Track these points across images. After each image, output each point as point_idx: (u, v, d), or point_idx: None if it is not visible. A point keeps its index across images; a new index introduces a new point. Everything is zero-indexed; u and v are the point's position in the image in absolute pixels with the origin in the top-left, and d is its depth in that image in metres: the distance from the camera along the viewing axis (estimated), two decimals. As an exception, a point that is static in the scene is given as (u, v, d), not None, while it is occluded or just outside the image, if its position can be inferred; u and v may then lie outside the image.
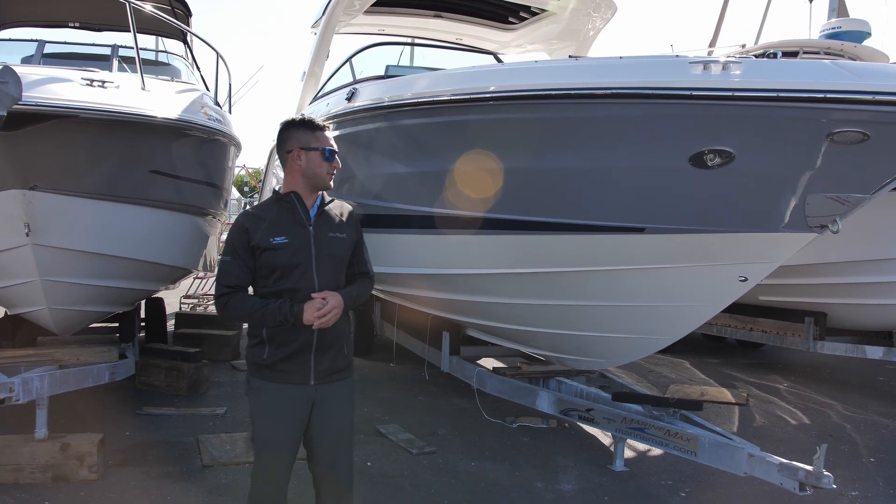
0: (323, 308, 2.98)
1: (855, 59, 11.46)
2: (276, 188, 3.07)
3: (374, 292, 7.39)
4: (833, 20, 14.09)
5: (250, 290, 3.19)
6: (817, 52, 11.60)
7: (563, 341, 5.36)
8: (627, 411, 4.96)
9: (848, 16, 14.84)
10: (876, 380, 8.92)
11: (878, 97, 3.29)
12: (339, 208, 3.28)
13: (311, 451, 3.20)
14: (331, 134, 3.23)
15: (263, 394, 3.12)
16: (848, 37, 12.33)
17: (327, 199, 3.26)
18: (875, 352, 7.78)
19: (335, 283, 3.15)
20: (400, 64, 7.94)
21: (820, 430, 6.47)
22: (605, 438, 5.82)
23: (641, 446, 5.43)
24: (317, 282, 3.08)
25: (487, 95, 4.26)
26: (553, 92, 3.97)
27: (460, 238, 5.15)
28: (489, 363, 6.72)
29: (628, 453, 5.39)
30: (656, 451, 5.38)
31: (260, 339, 3.11)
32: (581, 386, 5.58)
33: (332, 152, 3.17)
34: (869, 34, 12.86)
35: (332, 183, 3.20)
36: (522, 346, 6.08)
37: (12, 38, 8.36)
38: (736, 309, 8.63)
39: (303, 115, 3.26)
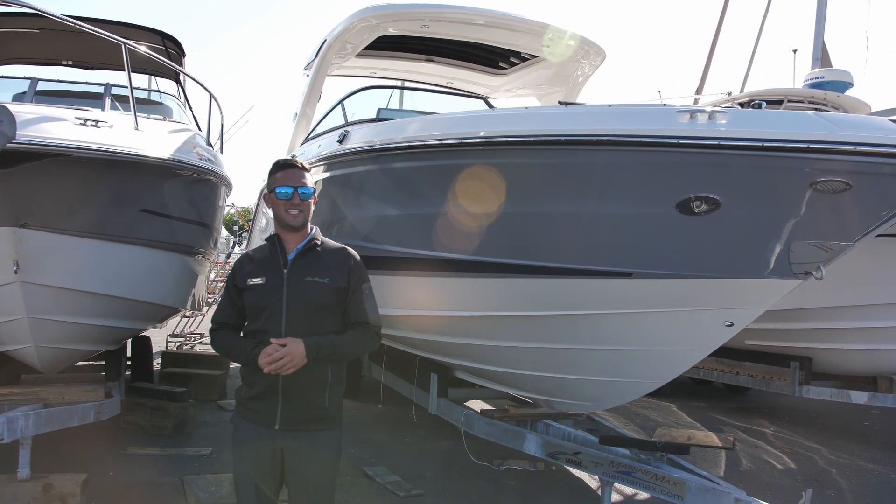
0: (274, 354, 2.92)
1: (838, 108, 11.69)
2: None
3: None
4: (816, 70, 14.33)
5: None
6: (801, 101, 11.80)
7: (551, 384, 5.36)
8: (615, 455, 4.95)
9: (831, 66, 15.13)
10: (861, 424, 8.94)
11: (859, 148, 3.37)
12: (334, 253, 3.19)
13: (292, 501, 3.17)
14: (297, 171, 3.16)
15: (236, 430, 3.20)
16: (831, 86, 12.53)
17: (318, 241, 3.18)
18: (860, 396, 7.81)
19: (308, 329, 3.02)
20: (391, 107, 8.01)
21: (806, 475, 6.48)
22: (592, 482, 5.80)
23: (629, 490, 5.42)
24: (284, 326, 3.02)
25: (478, 140, 4.32)
26: (543, 138, 4.04)
27: (448, 280, 5.17)
28: (477, 405, 6.71)
29: (615, 497, 5.37)
30: (643, 495, 5.37)
31: (243, 377, 3.18)
32: (568, 429, 5.57)
33: (286, 191, 3.10)
34: (851, 84, 13.08)
35: (297, 222, 3.12)
36: (510, 388, 6.07)
37: (5, 75, 8.40)
38: (722, 353, 8.65)
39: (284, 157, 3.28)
